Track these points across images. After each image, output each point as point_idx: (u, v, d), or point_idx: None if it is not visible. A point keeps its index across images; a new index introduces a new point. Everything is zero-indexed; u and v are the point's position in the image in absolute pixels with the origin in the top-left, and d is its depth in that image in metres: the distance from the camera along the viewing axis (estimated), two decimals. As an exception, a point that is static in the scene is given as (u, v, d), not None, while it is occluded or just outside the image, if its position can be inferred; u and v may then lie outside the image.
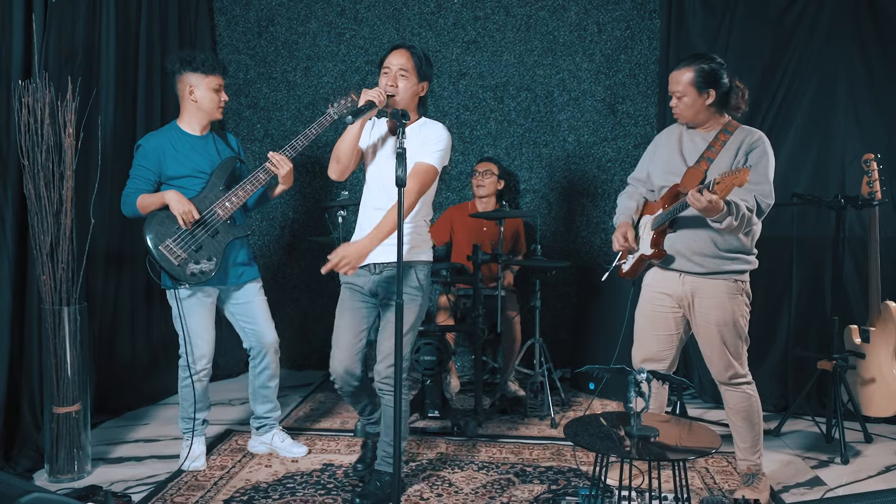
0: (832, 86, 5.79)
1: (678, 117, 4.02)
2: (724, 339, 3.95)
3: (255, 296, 4.69)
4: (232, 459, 4.76)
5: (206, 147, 4.54)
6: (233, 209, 4.41)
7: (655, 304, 4.11)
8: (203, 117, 4.53)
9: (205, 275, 4.33)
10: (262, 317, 4.70)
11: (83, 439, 4.46)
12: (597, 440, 3.29)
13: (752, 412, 4.08)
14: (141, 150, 4.45)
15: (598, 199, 6.75)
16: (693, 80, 3.87)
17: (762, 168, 3.81)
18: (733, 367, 3.99)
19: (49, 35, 4.71)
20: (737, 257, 3.91)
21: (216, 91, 4.50)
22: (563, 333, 6.87)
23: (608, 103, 6.70)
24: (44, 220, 4.32)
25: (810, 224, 5.76)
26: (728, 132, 3.93)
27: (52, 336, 4.34)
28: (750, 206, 3.74)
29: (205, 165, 4.48)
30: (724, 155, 3.88)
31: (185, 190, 4.38)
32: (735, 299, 3.93)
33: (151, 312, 6.06)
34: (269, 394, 4.82)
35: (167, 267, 4.25)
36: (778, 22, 5.86)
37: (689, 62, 3.91)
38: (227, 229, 4.43)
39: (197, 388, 4.56)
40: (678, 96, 3.92)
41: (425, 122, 4.14)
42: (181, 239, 4.28)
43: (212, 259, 4.34)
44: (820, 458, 4.92)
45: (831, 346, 5.08)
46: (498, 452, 4.93)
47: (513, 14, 6.73)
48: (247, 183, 4.43)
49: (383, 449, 4.26)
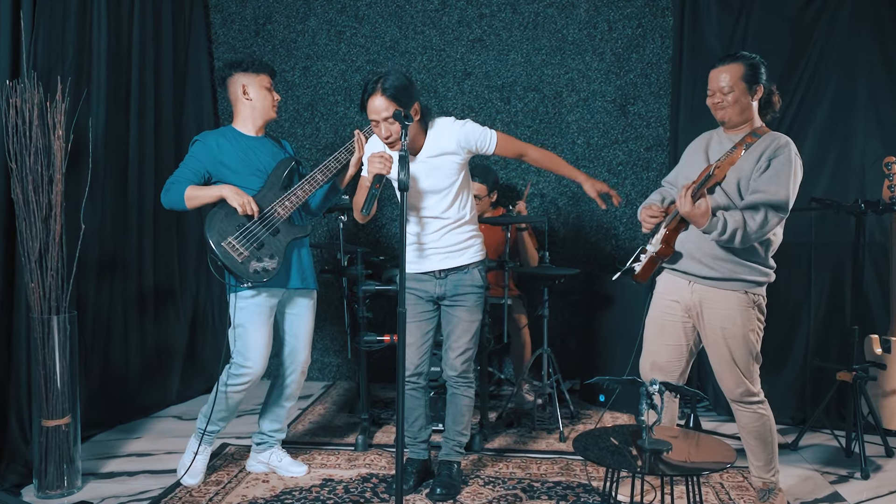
0: (852, 85, 5.78)
1: (722, 116, 3.94)
2: (733, 353, 3.92)
3: (306, 310, 4.71)
4: (228, 474, 4.76)
5: (263, 148, 4.58)
6: (292, 208, 4.45)
7: (665, 312, 4.10)
8: (258, 117, 4.57)
9: (268, 273, 4.34)
10: (304, 334, 4.71)
11: (73, 453, 4.46)
12: (607, 454, 3.29)
13: (764, 432, 4.05)
14: (198, 143, 4.49)
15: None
16: (744, 73, 3.84)
17: (783, 177, 3.74)
18: (744, 385, 3.96)
19: (38, 33, 4.72)
20: (751, 266, 3.87)
21: (268, 90, 4.57)
22: (573, 343, 6.86)
23: (619, 104, 6.71)
24: (32, 226, 4.32)
25: (829, 230, 5.75)
26: (756, 135, 3.88)
27: (41, 346, 4.34)
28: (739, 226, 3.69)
29: (263, 164, 4.52)
30: (747, 157, 3.83)
31: (243, 188, 4.41)
32: (746, 312, 3.89)
33: (144, 321, 6.06)
34: (280, 413, 4.81)
35: (230, 264, 4.26)
36: (796, 19, 5.86)
37: (735, 58, 3.89)
38: (288, 229, 4.46)
39: (233, 398, 4.52)
40: (724, 92, 3.86)
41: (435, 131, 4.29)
42: (243, 236, 4.30)
43: (274, 257, 4.37)
44: (839, 473, 4.91)
45: (851, 356, 5.07)
46: (504, 467, 4.92)
47: (520, 11, 6.74)
48: (305, 183, 4.47)
49: (454, 437, 4.59)
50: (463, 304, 4.41)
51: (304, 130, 6.94)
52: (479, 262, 4.47)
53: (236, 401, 4.57)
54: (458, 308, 4.43)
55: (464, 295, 4.40)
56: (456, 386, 4.53)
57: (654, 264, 4.10)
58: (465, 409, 4.56)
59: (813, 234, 5.72)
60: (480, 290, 4.47)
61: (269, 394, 4.81)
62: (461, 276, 4.38)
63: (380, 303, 6.63)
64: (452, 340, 4.46)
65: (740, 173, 3.81)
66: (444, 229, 4.32)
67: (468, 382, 4.52)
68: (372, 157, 4.03)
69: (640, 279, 4.18)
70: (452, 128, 4.27)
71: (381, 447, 5.25)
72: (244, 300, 4.45)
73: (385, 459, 5.02)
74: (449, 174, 4.26)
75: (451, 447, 4.60)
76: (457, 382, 4.51)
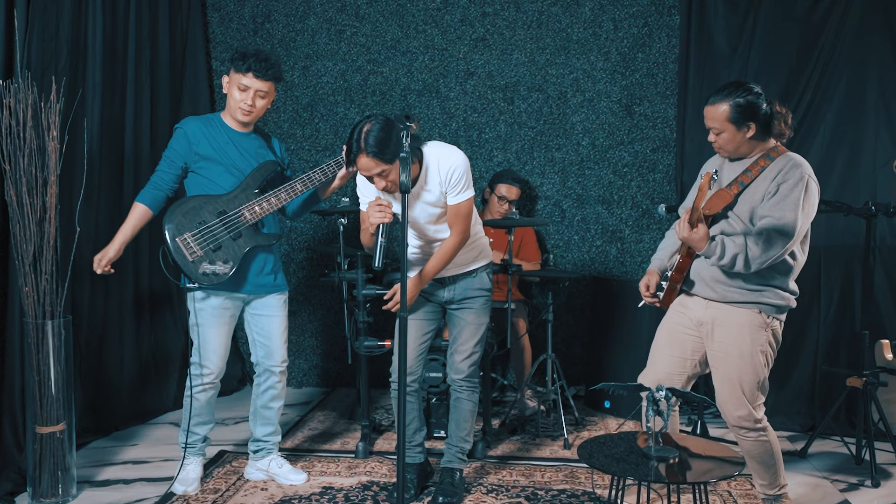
0: (862, 86, 5.78)
1: (719, 151, 3.93)
2: (738, 373, 3.83)
3: (276, 310, 4.70)
4: (226, 482, 4.76)
5: (245, 144, 4.56)
6: (262, 214, 4.44)
7: (675, 323, 4.06)
8: (232, 114, 4.54)
9: (217, 277, 4.33)
10: (277, 333, 4.71)
11: (68, 461, 4.45)
12: (612, 462, 3.29)
13: (766, 456, 3.97)
14: (178, 132, 4.49)
15: (613, 206, 6.74)
16: (729, 115, 3.76)
17: (791, 200, 3.67)
18: (745, 407, 3.85)
19: (32, 32, 4.73)
20: (768, 290, 3.81)
21: (242, 90, 4.45)
22: (577, 349, 6.86)
23: (624, 105, 6.70)
24: (26, 229, 4.32)
25: (839, 232, 5.75)
26: (770, 157, 3.81)
27: (36, 351, 4.34)
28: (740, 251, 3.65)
29: (240, 162, 4.50)
30: (759, 182, 3.77)
31: (215, 184, 4.43)
32: (757, 332, 3.82)
33: (141, 326, 6.07)
34: (270, 415, 4.81)
35: (179, 261, 4.26)
36: (805, 18, 5.87)
37: (723, 96, 3.78)
38: (252, 235, 4.45)
39: (199, 399, 4.56)
40: (716, 132, 3.83)
41: (431, 161, 4.20)
42: (201, 234, 4.30)
43: (228, 262, 4.35)
44: (849, 481, 4.91)
45: (861, 361, 5.06)
46: (508, 475, 4.93)
47: (523, 10, 6.74)
48: (282, 191, 4.46)
49: (457, 444, 4.60)
50: (471, 306, 4.48)
51: (304, 131, 6.94)
52: (485, 265, 4.55)
53: (204, 401, 4.60)
54: (465, 311, 4.49)
55: (472, 298, 4.47)
56: (460, 390, 4.54)
57: (674, 291, 4.06)
58: (468, 415, 4.57)
59: (822, 237, 5.71)
60: (488, 293, 4.55)
61: (255, 400, 4.81)
62: (469, 280, 4.46)
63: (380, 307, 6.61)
64: (459, 343, 4.49)
65: (752, 200, 3.76)
66: None
67: (473, 387, 4.53)
68: (371, 209, 3.99)
69: (664, 306, 4.14)
70: (447, 167, 4.17)
71: (383, 454, 5.25)
72: (199, 301, 4.47)
73: (386, 467, 5.02)
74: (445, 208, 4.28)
75: (454, 454, 4.60)
76: (461, 386, 4.53)
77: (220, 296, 4.49)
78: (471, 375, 4.50)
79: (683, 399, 3.62)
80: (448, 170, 4.16)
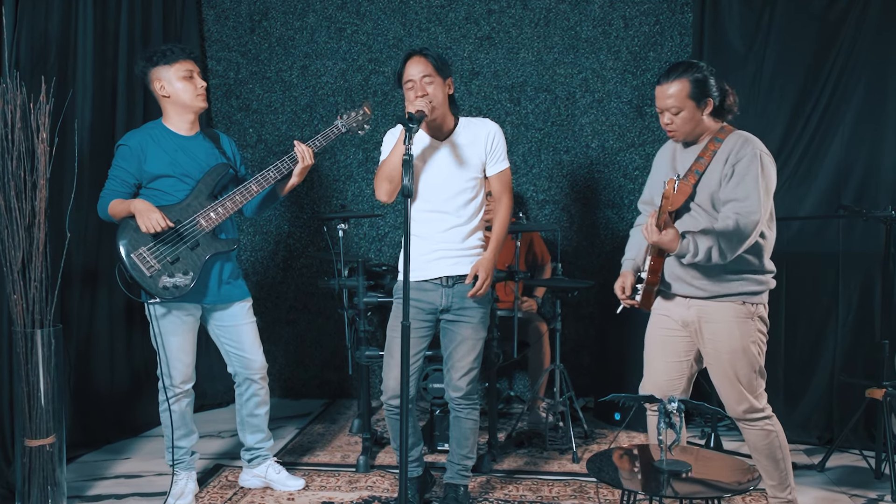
0: (883, 86, 5.77)
1: (674, 135, 3.97)
2: (733, 368, 3.89)
3: (242, 318, 4.71)
4: (222, 497, 4.77)
5: (194, 149, 4.55)
6: (218, 220, 4.43)
7: (662, 328, 4.09)
8: (183, 112, 4.54)
9: (179, 290, 4.34)
10: (249, 341, 4.72)
11: (58, 475, 4.45)
12: (622, 476, 3.29)
13: (773, 448, 4.01)
14: (121, 149, 4.48)
15: (623, 210, 6.75)
16: (689, 91, 3.83)
17: (749, 179, 3.73)
18: (747, 401, 3.92)
19: (20, 31, 4.75)
20: (745, 278, 3.87)
21: (187, 78, 4.48)
22: (586, 359, 6.86)
23: (635, 105, 6.71)
24: (15, 234, 4.32)
25: (858, 238, 5.73)
26: (718, 140, 3.89)
27: (24, 361, 4.34)
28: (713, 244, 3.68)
29: (192, 169, 4.49)
30: (713, 167, 3.84)
31: (167, 195, 4.42)
32: (745, 324, 3.88)
33: (133, 336, 6.07)
34: (258, 422, 4.82)
35: (138, 278, 4.27)
36: (823, 15, 5.85)
37: (679, 74, 3.88)
38: (210, 242, 4.45)
39: (174, 411, 4.57)
40: (674, 112, 3.87)
41: (468, 122, 4.37)
42: (157, 248, 4.30)
43: (188, 273, 4.36)
44: (868, 496, 4.90)
45: (881, 372, 5.07)
46: (515, 489, 4.93)
47: (530, 7, 6.75)
48: (236, 193, 4.45)
49: (459, 462, 4.57)
50: (469, 320, 4.38)
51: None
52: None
53: (180, 412, 4.62)
54: (462, 325, 4.39)
55: (470, 309, 4.36)
56: (459, 409, 4.49)
57: (651, 293, 4.09)
58: (469, 433, 4.54)
59: (840, 242, 5.71)
60: (487, 306, 4.48)
61: (239, 409, 4.84)
62: (469, 288, 4.32)
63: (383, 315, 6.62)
64: (456, 359, 4.42)
65: (710, 187, 3.82)
66: (455, 229, 4.31)
67: (473, 404, 4.48)
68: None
69: (644, 308, 4.16)
70: (491, 129, 4.34)
71: (384, 468, 5.26)
72: (160, 310, 4.48)
73: (388, 481, 5.02)
74: (474, 170, 4.31)
75: (457, 471, 4.59)
76: (460, 404, 4.47)
77: (181, 309, 4.51)
78: (469, 393, 4.43)
79: (697, 411, 3.63)
80: (490, 132, 4.32)
